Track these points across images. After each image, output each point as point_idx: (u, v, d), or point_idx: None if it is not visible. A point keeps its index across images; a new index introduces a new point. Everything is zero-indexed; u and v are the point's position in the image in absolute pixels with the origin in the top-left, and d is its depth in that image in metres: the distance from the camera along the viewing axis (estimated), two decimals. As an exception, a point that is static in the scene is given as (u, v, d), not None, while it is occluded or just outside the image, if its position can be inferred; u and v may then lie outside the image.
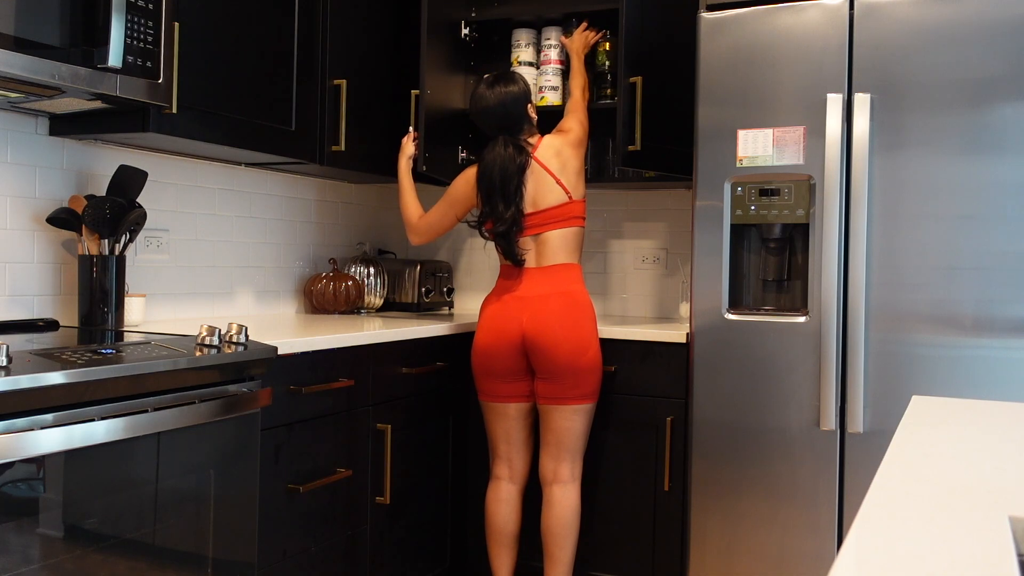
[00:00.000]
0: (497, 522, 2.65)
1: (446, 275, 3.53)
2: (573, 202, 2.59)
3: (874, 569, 0.66)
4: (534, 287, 2.57)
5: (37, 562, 1.55)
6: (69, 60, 1.87)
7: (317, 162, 2.72)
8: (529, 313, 2.54)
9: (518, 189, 2.53)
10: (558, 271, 2.58)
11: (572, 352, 2.51)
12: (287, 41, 2.58)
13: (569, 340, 2.51)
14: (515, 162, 2.53)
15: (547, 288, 2.56)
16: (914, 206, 2.32)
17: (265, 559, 2.10)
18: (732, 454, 2.51)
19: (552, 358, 2.52)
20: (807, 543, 2.42)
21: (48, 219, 2.23)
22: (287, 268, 3.15)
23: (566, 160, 2.60)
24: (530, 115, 2.66)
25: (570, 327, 2.52)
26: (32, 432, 1.51)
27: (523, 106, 2.62)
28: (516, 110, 2.61)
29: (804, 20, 2.43)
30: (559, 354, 2.51)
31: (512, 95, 2.60)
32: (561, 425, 2.56)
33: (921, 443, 1.13)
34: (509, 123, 2.60)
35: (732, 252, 2.54)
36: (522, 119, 2.62)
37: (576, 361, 2.52)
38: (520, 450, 2.67)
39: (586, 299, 2.60)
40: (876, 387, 2.35)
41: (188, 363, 1.82)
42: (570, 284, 2.58)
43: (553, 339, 2.51)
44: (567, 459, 2.58)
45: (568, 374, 2.52)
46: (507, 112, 2.60)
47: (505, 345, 2.56)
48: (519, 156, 2.54)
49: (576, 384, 2.53)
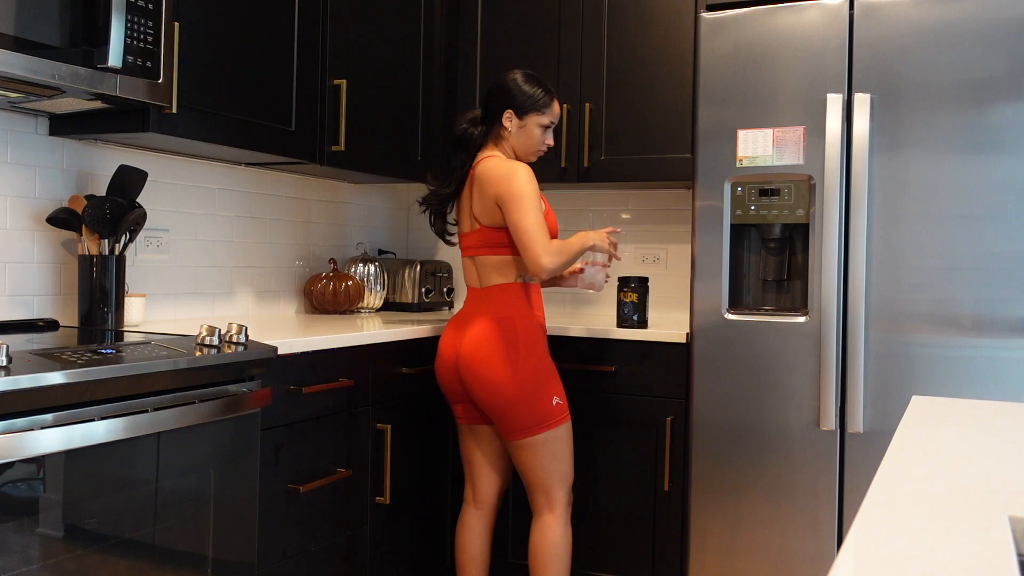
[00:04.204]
0: (458, 546, 2.57)
1: (446, 275, 3.53)
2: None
3: (874, 569, 0.66)
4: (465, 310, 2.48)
5: (37, 562, 1.55)
6: (69, 60, 1.87)
7: (317, 162, 2.71)
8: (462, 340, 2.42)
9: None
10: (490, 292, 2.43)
11: (485, 388, 2.35)
12: (287, 41, 2.58)
13: (483, 374, 2.35)
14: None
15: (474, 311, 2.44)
16: (914, 206, 2.32)
17: (265, 559, 2.10)
18: (732, 454, 2.51)
19: (471, 392, 2.40)
20: (807, 543, 2.42)
21: (48, 219, 2.23)
22: (287, 268, 3.15)
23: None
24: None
25: (485, 359, 2.35)
26: (32, 432, 1.51)
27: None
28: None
29: (804, 20, 2.43)
30: (473, 389, 2.38)
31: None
32: (516, 461, 2.43)
33: (921, 443, 1.13)
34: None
35: (732, 252, 2.54)
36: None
37: (489, 397, 2.36)
38: (483, 473, 2.54)
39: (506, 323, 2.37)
40: (876, 387, 2.35)
41: (188, 363, 1.82)
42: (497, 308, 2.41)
43: (469, 372, 2.38)
44: (536, 491, 2.42)
45: (491, 410, 2.38)
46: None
47: (443, 369, 2.48)
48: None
49: (507, 420, 2.36)
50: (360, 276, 3.21)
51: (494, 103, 2.46)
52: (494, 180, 2.36)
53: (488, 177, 2.38)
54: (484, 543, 2.56)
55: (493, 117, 2.47)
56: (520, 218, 2.30)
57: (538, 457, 2.39)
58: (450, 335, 2.46)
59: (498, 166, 2.38)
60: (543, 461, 2.39)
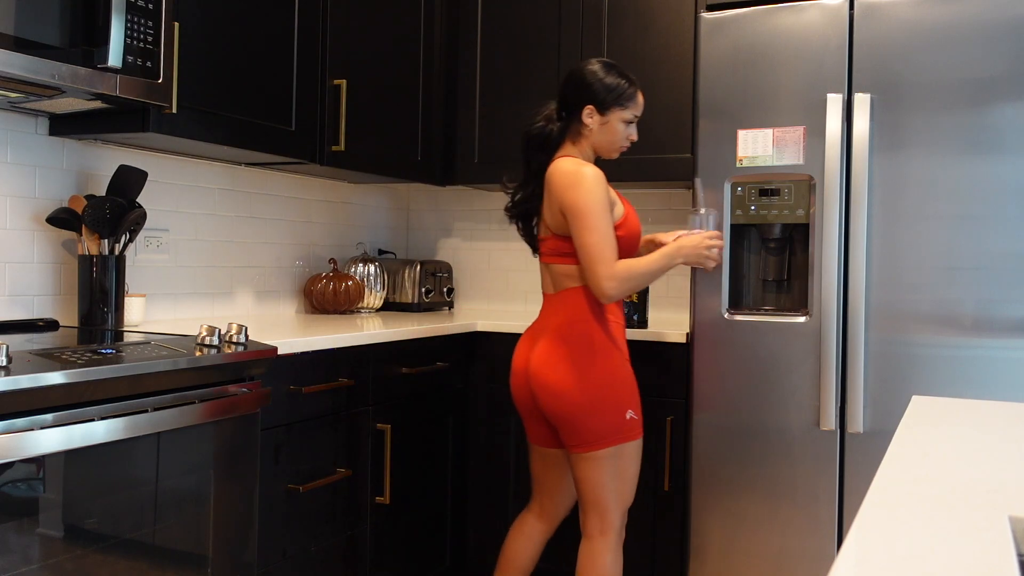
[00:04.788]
0: (509, 551, 2.41)
1: (446, 275, 3.53)
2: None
3: (874, 569, 0.66)
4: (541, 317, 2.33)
5: (37, 562, 1.55)
6: (69, 60, 1.87)
7: (317, 162, 2.71)
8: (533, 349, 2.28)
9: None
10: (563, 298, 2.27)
11: (551, 395, 2.20)
12: (287, 41, 2.58)
13: (549, 381, 2.20)
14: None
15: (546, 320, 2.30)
16: (914, 206, 2.32)
17: (265, 559, 2.10)
18: (732, 454, 2.50)
19: (538, 401, 2.25)
20: (807, 543, 2.42)
21: (48, 219, 2.23)
22: (287, 268, 3.15)
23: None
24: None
25: (552, 366, 2.20)
26: (32, 432, 1.51)
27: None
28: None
29: (804, 20, 2.43)
30: (540, 397, 2.23)
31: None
32: (575, 474, 2.24)
33: (921, 443, 1.13)
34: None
35: (732, 252, 2.54)
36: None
37: (556, 405, 2.20)
38: (552, 493, 2.38)
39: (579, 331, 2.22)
40: (876, 387, 2.35)
41: (188, 363, 1.82)
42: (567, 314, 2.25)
43: (537, 380, 2.23)
44: (590, 511, 2.23)
45: (557, 419, 2.21)
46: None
47: (515, 381, 2.34)
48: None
49: (572, 431, 2.20)
50: (360, 276, 3.21)
51: (572, 97, 2.25)
52: (560, 187, 2.17)
53: (555, 183, 2.19)
54: (536, 555, 2.41)
55: (571, 113, 2.26)
56: (583, 236, 2.13)
57: (600, 473, 2.19)
58: (523, 346, 2.31)
59: (565, 172, 2.18)
60: (604, 478, 2.20)
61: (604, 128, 2.26)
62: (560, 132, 2.28)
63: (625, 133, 2.29)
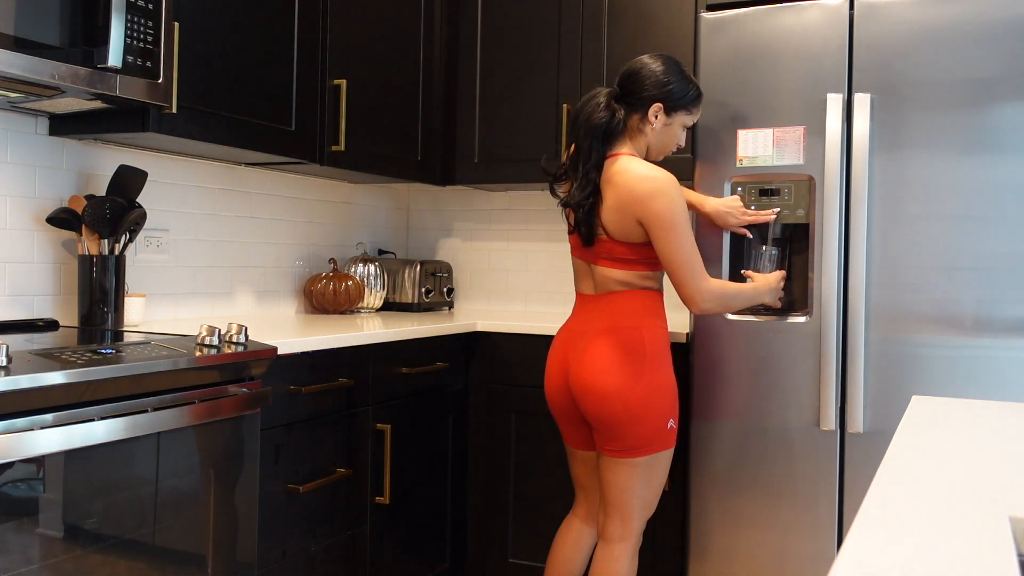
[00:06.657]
0: (558, 557, 2.36)
1: (446, 275, 3.53)
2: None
3: (874, 569, 0.66)
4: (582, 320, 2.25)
5: (37, 562, 1.55)
6: (69, 60, 1.87)
7: (317, 162, 2.72)
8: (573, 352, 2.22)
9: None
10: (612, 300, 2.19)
11: (599, 400, 2.14)
12: (287, 41, 2.58)
13: (596, 385, 2.14)
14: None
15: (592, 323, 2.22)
16: (914, 206, 2.32)
17: (265, 559, 2.10)
18: (732, 454, 2.50)
19: (582, 404, 2.19)
20: (807, 543, 2.42)
21: (48, 219, 2.23)
22: (287, 268, 3.15)
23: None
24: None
25: (603, 369, 2.13)
26: (32, 432, 1.51)
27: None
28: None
29: (804, 20, 2.43)
30: (584, 401, 2.17)
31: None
32: (604, 476, 2.20)
33: (921, 443, 1.13)
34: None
35: (732, 252, 2.53)
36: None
37: (604, 410, 2.14)
38: (597, 495, 2.33)
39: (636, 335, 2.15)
40: (876, 387, 2.35)
41: (188, 363, 1.82)
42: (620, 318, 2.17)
43: (581, 385, 2.17)
44: (613, 514, 2.19)
45: (601, 423, 2.16)
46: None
47: (552, 384, 2.28)
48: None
49: (615, 436, 2.14)
50: (360, 276, 3.21)
51: (643, 92, 2.15)
52: (637, 198, 2.06)
53: (629, 191, 2.08)
54: (586, 559, 2.36)
55: (635, 108, 2.17)
56: (673, 249, 2.06)
57: (632, 479, 2.16)
58: (560, 348, 2.25)
59: (641, 178, 2.07)
60: (635, 484, 2.17)
61: (665, 129, 2.20)
62: (623, 125, 2.18)
63: (679, 138, 2.26)
